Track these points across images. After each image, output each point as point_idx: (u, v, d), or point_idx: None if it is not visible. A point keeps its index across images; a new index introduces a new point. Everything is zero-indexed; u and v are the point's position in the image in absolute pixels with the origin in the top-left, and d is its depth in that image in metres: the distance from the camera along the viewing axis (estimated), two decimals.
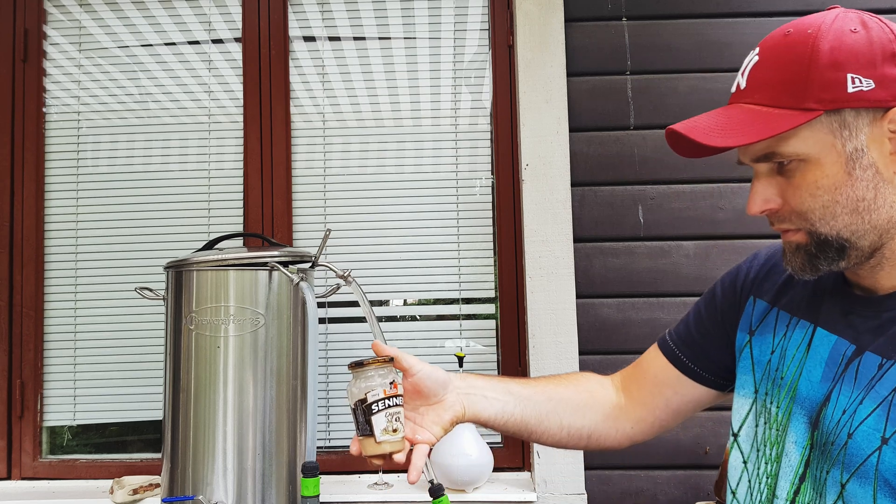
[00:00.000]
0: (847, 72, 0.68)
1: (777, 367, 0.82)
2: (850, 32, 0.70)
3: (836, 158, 0.70)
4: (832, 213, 0.71)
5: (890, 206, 0.70)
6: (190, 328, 1.43)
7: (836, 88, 0.68)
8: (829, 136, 0.70)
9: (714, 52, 1.85)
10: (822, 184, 0.70)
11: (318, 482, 1.39)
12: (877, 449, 0.66)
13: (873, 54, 0.68)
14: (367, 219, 1.92)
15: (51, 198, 1.93)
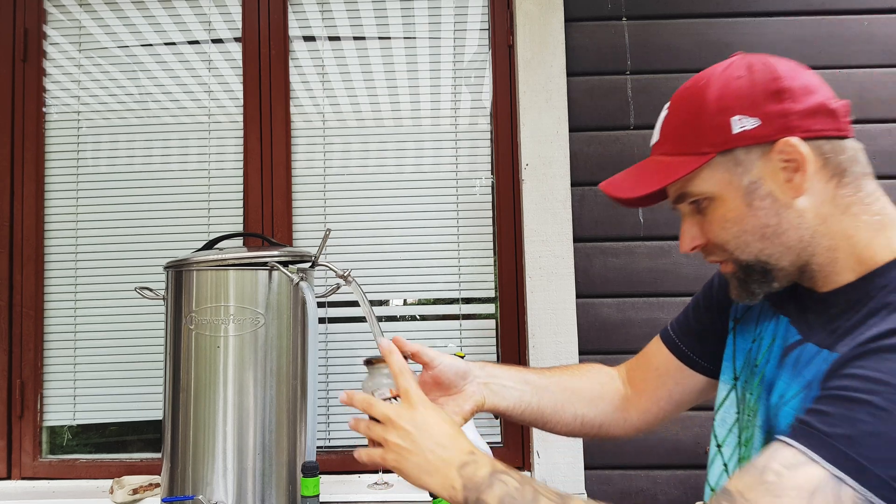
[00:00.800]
0: (732, 115, 0.76)
1: (755, 356, 0.87)
2: (735, 79, 0.79)
3: (735, 193, 0.77)
4: (744, 241, 0.78)
5: (796, 227, 0.76)
6: (190, 328, 1.43)
7: (723, 131, 0.76)
8: (726, 174, 0.77)
9: (714, 52, 1.85)
10: (729, 217, 0.78)
11: (318, 482, 1.39)
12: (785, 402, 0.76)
13: (755, 95, 0.76)
14: (367, 219, 1.92)
15: (51, 198, 1.93)
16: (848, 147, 0.76)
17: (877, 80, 1.84)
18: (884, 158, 1.82)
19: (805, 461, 0.63)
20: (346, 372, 1.90)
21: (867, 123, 1.82)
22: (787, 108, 0.75)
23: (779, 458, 0.65)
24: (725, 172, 0.77)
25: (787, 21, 1.86)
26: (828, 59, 1.84)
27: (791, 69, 0.77)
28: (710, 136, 0.77)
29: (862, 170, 0.77)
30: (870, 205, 0.76)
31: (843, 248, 0.76)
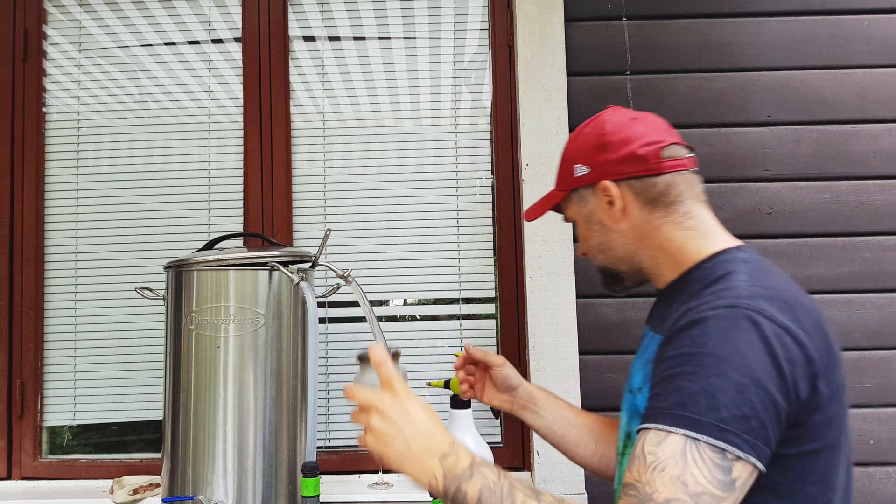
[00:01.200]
0: (574, 164, 1.05)
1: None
2: (583, 134, 1.07)
3: (582, 219, 1.07)
4: (593, 254, 1.09)
5: (622, 244, 1.03)
6: (190, 328, 1.43)
7: (570, 175, 1.06)
8: (576, 205, 1.07)
9: (714, 51, 1.85)
10: (582, 236, 1.09)
11: (318, 482, 1.39)
12: (636, 394, 0.98)
13: (587, 149, 1.04)
14: (367, 219, 1.92)
15: (51, 198, 1.93)
16: (658, 182, 0.99)
17: (877, 80, 1.84)
18: (883, 159, 1.82)
19: (664, 435, 0.77)
20: (346, 372, 1.90)
21: (867, 123, 1.82)
22: (606, 158, 1.01)
23: (647, 442, 0.78)
24: (576, 204, 1.07)
25: (786, 21, 1.86)
26: (828, 59, 1.85)
27: (618, 126, 1.02)
28: (566, 178, 1.07)
29: (676, 196, 0.99)
30: (681, 223, 0.99)
31: (661, 255, 1.01)
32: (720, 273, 0.90)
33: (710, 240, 0.98)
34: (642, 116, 1.03)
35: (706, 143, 1.83)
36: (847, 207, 1.81)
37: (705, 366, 0.78)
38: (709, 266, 0.94)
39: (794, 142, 1.83)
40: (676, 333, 0.83)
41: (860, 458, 1.74)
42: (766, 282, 0.87)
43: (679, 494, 0.73)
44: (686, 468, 0.74)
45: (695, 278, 0.94)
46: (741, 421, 0.75)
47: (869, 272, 1.79)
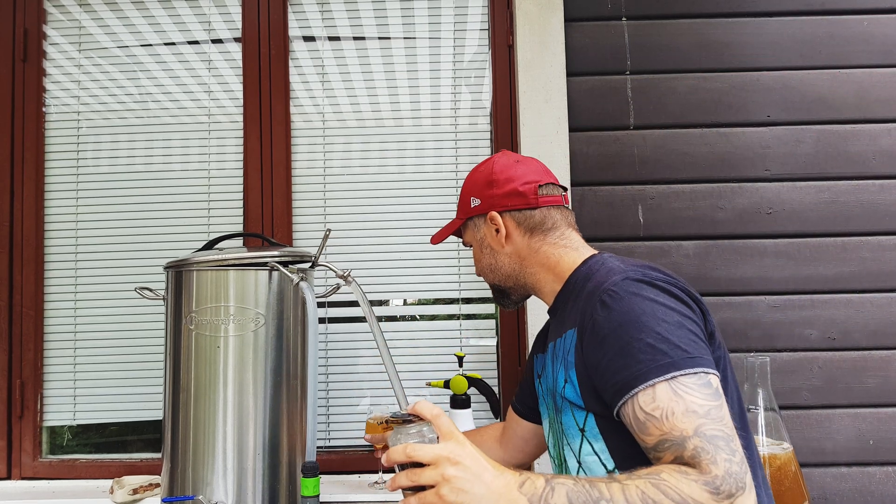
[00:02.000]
0: (470, 195, 1.25)
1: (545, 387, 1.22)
2: (478, 171, 1.26)
3: (476, 244, 1.27)
4: (484, 273, 1.27)
5: (507, 265, 1.22)
6: (190, 328, 1.43)
7: (466, 206, 1.26)
8: (472, 231, 1.27)
9: (714, 51, 1.85)
10: (476, 257, 1.28)
11: (318, 482, 1.39)
12: (563, 388, 1.06)
13: (478, 184, 1.24)
14: (367, 219, 1.92)
15: (51, 198, 1.93)
16: (536, 214, 1.18)
17: (876, 80, 1.84)
18: (883, 159, 1.82)
19: (650, 391, 0.89)
20: (346, 372, 1.90)
21: (866, 124, 1.82)
22: (492, 193, 1.21)
23: (642, 404, 0.89)
24: (471, 231, 1.27)
25: (786, 21, 1.86)
26: (827, 59, 1.85)
27: (504, 167, 1.21)
28: (463, 208, 1.26)
29: (551, 225, 1.18)
30: (556, 243, 1.18)
31: (541, 272, 1.19)
32: (595, 268, 1.08)
33: (580, 252, 1.17)
34: (525, 160, 1.23)
35: (706, 143, 1.83)
36: (847, 207, 1.81)
37: (643, 323, 0.93)
38: (584, 269, 1.12)
39: (793, 142, 1.83)
40: (593, 318, 0.97)
41: (860, 458, 1.74)
42: (635, 264, 1.05)
43: (698, 420, 0.85)
44: (686, 400, 0.87)
45: (575, 282, 1.11)
46: (694, 346, 0.91)
47: (869, 272, 1.79)
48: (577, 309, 1.04)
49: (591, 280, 1.05)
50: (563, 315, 1.12)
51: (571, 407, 1.05)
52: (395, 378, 1.41)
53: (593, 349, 0.97)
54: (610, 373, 0.94)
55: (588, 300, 1.01)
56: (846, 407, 1.75)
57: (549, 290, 1.18)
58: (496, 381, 1.89)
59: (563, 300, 1.14)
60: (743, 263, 1.79)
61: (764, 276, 1.79)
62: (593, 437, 1.02)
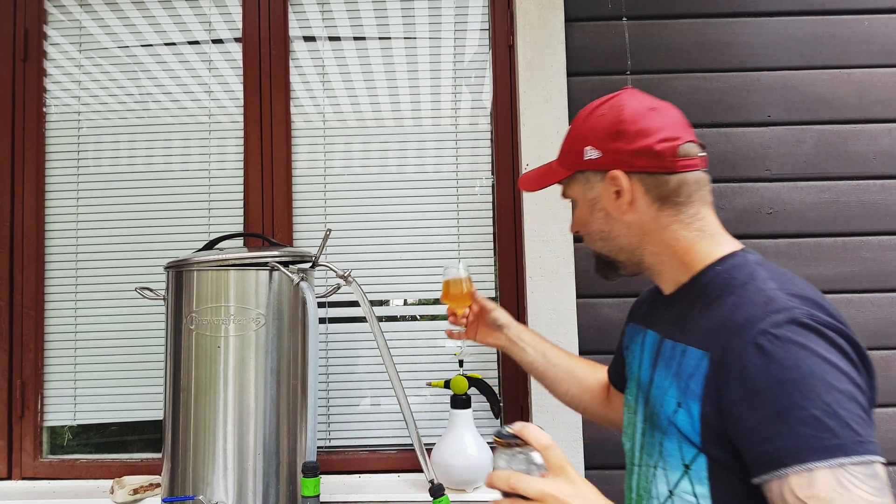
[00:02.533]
0: (585, 145, 0.99)
1: (630, 367, 1.10)
2: (598, 116, 0.99)
3: (585, 202, 1.03)
4: (591, 238, 1.06)
5: (625, 235, 1.00)
6: (190, 328, 1.43)
7: (579, 156, 1.00)
8: (581, 187, 1.03)
9: (714, 51, 1.85)
10: (582, 219, 1.05)
11: (319, 482, 1.39)
12: (675, 412, 0.90)
13: (601, 133, 0.98)
14: (367, 219, 1.92)
15: (51, 198, 1.93)
16: (671, 181, 0.95)
17: (877, 80, 1.84)
18: (884, 159, 1.82)
19: (808, 474, 0.73)
20: (346, 372, 1.90)
21: (867, 123, 1.82)
22: (619, 147, 0.96)
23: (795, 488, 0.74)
24: (580, 186, 1.03)
25: (786, 21, 1.86)
26: (827, 59, 1.85)
27: (636, 115, 0.96)
28: (572, 157, 1.02)
29: (686, 198, 0.96)
30: (690, 223, 0.96)
31: (666, 254, 0.99)
32: (740, 278, 0.89)
33: (717, 241, 0.96)
34: (661, 107, 0.97)
35: (706, 143, 1.82)
36: (847, 207, 1.81)
37: (809, 388, 0.75)
38: (721, 269, 0.93)
39: (794, 142, 1.83)
40: (744, 363, 0.80)
41: None
42: (793, 286, 0.85)
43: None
44: (852, 495, 0.72)
45: (709, 282, 0.93)
46: (863, 426, 0.74)
47: (869, 272, 1.79)
48: (713, 327, 0.87)
49: (736, 296, 0.87)
50: (684, 316, 0.95)
51: (680, 438, 0.88)
52: (396, 378, 1.41)
53: (739, 399, 0.80)
54: (759, 437, 0.78)
55: (736, 334, 0.82)
56: None
57: (671, 279, 1.00)
58: (496, 381, 1.89)
59: (688, 297, 0.96)
60: None
61: None
62: (698, 479, 0.86)
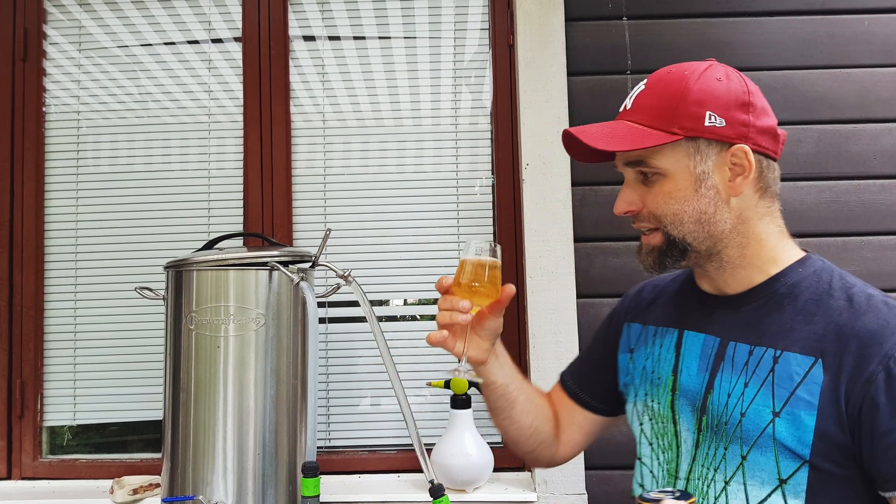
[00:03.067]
0: (706, 109, 0.86)
1: (653, 370, 0.99)
2: (716, 80, 0.88)
3: (687, 176, 0.87)
4: (680, 220, 0.88)
5: (725, 221, 0.88)
6: (190, 328, 1.43)
7: (696, 120, 0.86)
8: (685, 157, 0.87)
9: (715, 51, 1.85)
10: (676, 195, 0.88)
11: (318, 482, 1.39)
12: (770, 422, 0.82)
13: (729, 100, 0.86)
14: (367, 219, 1.92)
15: (51, 197, 1.93)
16: (776, 168, 0.90)
17: (877, 80, 1.83)
18: (884, 158, 1.81)
19: None
20: (346, 372, 1.90)
21: (867, 123, 1.82)
22: (749, 120, 0.86)
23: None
24: (685, 156, 0.87)
25: (787, 21, 1.85)
26: (828, 59, 1.84)
27: (757, 89, 0.89)
28: (683, 120, 0.86)
29: (777, 189, 0.91)
30: (777, 218, 0.92)
31: (753, 247, 0.90)
32: (835, 283, 0.87)
33: (789, 243, 0.93)
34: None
35: None
36: (848, 207, 1.81)
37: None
38: (807, 273, 0.89)
39: (794, 141, 1.82)
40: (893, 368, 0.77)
41: None
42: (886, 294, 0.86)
43: None
44: None
45: (797, 284, 0.88)
46: None
47: (869, 272, 1.79)
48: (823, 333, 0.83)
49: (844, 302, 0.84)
50: (764, 318, 0.89)
51: (779, 450, 0.82)
52: (396, 378, 1.41)
53: (877, 410, 0.77)
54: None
55: (870, 343, 0.79)
56: None
57: (744, 277, 0.91)
58: None
59: (766, 299, 0.89)
60: None
61: None
62: (794, 494, 0.81)
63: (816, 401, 0.80)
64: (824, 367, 0.80)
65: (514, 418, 1.06)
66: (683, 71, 0.92)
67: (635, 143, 0.87)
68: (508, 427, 1.08)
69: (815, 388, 0.80)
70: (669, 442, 0.95)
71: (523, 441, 1.09)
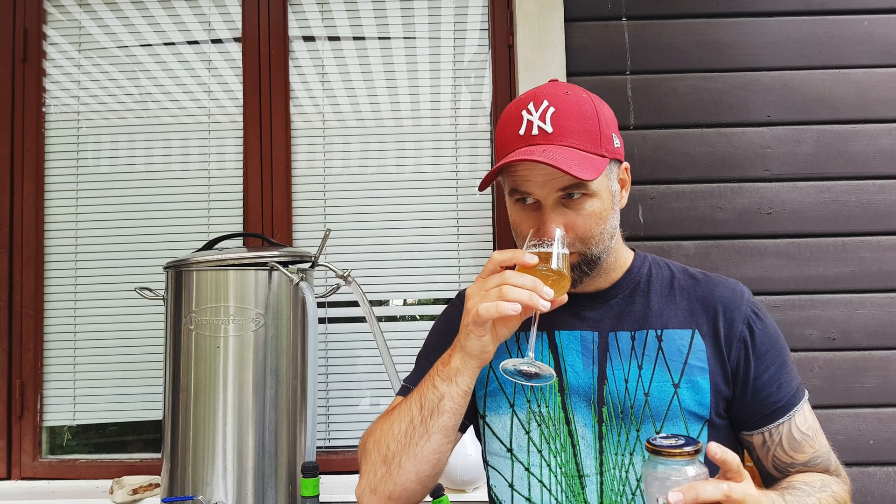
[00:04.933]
0: (612, 131, 0.91)
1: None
2: (600, 102, 0.93)
3: (609, 195, 0.91)
4: (602, 237, 0.91)
5: (615, 232, 0.95)
6: (190, 328, 1.43)
7: (610, 142, 0.90)
8: (605, 177, 0.90)
9: (714, 51, 1.85)
10: (603, 214, 0.90)
11: (318, 482, 1.39)
12: (673, 395, 0.91)
13: (614, 121, 0.94)
14: (367, 219, 1.92)
15: (50, 198, 1.93)
16: None
17: (876, 80, 1.84)
18: (883, 159, 1.82)
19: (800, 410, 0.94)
20: (346, 372, 1.90)
21: (867, 123, 1.82)
22: (620, 139, 0.94)
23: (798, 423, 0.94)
24: (605, 176, 0.91)
25: (786, 21, 1.86)
26: (827, 59, 1.84)
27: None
28: (605, 143, 0.89)
29: None
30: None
31: (618, 250, 0.98)
32: (672, 267, 1.02)
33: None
34: None
35: (706, 143, 1.83)
36: (847, 207, 1.81)
37: (783, 343, 0.96)
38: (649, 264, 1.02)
39: (793, 142, 1.83)
40: (752, 329, 0.94)
41: (860, 457, 1.74)
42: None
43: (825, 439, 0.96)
44: (815, 418, 0.96)
45: (648, 274, 1.00)
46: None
47: (868, 272, 1.79)
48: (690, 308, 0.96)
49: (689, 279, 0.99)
50: (632, 306, 0.97)
51: (686, 417, 0.91)
52: (395, 378, 1.41)
53: (749, 361, 0.93)
54: (772, 389, 0.93)
55: (729, 308, 0.94)
56: (846, 407, 1.75)
57: (610, 277, 0.99)
58: None
59: (627, 291, 0.98)
60: (743, 263, 1.79)
61: (764, 276, 1.78)
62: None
63: (706, 364, 0.93)
64: (701, 335, 0.94)
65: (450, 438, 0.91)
66: (580, 93, 0.92)
67: (597, 170, 0.86)
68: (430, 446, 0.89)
69: (702, 353, 0.93)
70: (563, 444, 0.94)
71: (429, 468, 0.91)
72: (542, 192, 0.89)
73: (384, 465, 0.90)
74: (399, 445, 0.89)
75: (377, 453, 0.92)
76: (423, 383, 0.91)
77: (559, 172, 0.84)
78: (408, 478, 0.89)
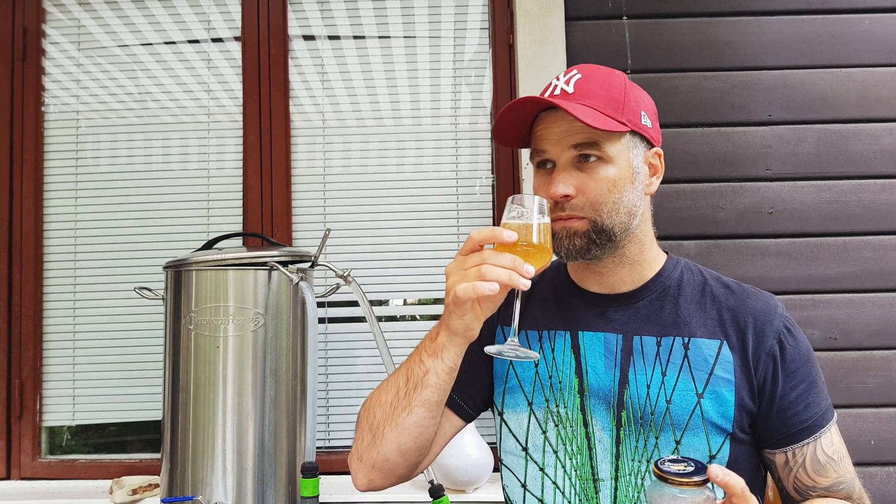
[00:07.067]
0: (641, 109, 0.92)
1: (550, 375, 0.97)
2: (637, 89, 0.95)
3: (628, 167, 0.91)
4: (616, 209, 0.90)
5: (638, 216, 0.93)
6: (189, 328, 1.43)
7: (636, 116, 0.91)
8: (626, 149, 0.91)
9: (715, 50, 1.85)
10: (618, 184, 0.89)
11: (318, 482, 1.39)
12: (696, 404, 0.89)
13: (650, 106, 0.95)
14: (367, 219, 1.92)
15: (50, 197, 1.93)
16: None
17: (877, 80, 1.83)
18: (884, 158, 1.81)
19: (828, 432, 0.91)
20: (345, 372, 1.89)
21: (868, 123, 1.82)
22: (657, 128, 0.96)
23: (825, 446, 0.90)
24: (626, 148, 0.91)
25: (787, 20, 1.85)
26: (828, 59, 1.84)
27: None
28: (629, 114, 0.90)
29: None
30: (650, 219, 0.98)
31: (647, 244, 0.96)
32: (706, 275, 0.99)
33: (656, 242, 1.02)
34: None
35: (707, 143, 1.82)
36: (848, 207, 1.80)
37: (815, 362, 0.94)
38: (682, 269, 0.99)
39: (795, 141, 1.82)
40: (783, 346, 0.92)
41: (861, 458, 1.73)
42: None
43: (851, 465, 0.93)
44: (842, 441, 0.93)
45: (679, 279, 0.98)
46: None
47: (870, 272, 1.78)
48: (720, 318, 0.93)
49: (722, 288, 0.96)
50: (661, 310, 0.95)
51: (708, 428, 0.89)
52: None
53: (777, 377, 0.91)
54: (799, 408, 0.91)
55: (761, 321, 0.92)
56: (847, 407, 1.75)
57: (637, 273, 0.96)
58: None
59: (656, 293, 0.96)
60: (744, 263, 1.79)
61: (765, 275, 1.78)
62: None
63: (732, 377, 0.90)
64: (730, 347, 0.91)
65: (433, 413, 0.93)
66: (613, 70, 0.95)
67: (610, 124, 0.87)
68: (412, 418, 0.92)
69: (729, 365, 0.90)
70: (579, 446, 0.94)
71: (410, 441, 0.94)
72: (556, 150, 0.90)
73: (370, 433, 0.95)
74: (384, 415, 0.94)
75: (366, 421, 0.97)
76: (412, 357, 0.95)
77: (574, 129, 0.87)
78: (389, 448, 0.93)
